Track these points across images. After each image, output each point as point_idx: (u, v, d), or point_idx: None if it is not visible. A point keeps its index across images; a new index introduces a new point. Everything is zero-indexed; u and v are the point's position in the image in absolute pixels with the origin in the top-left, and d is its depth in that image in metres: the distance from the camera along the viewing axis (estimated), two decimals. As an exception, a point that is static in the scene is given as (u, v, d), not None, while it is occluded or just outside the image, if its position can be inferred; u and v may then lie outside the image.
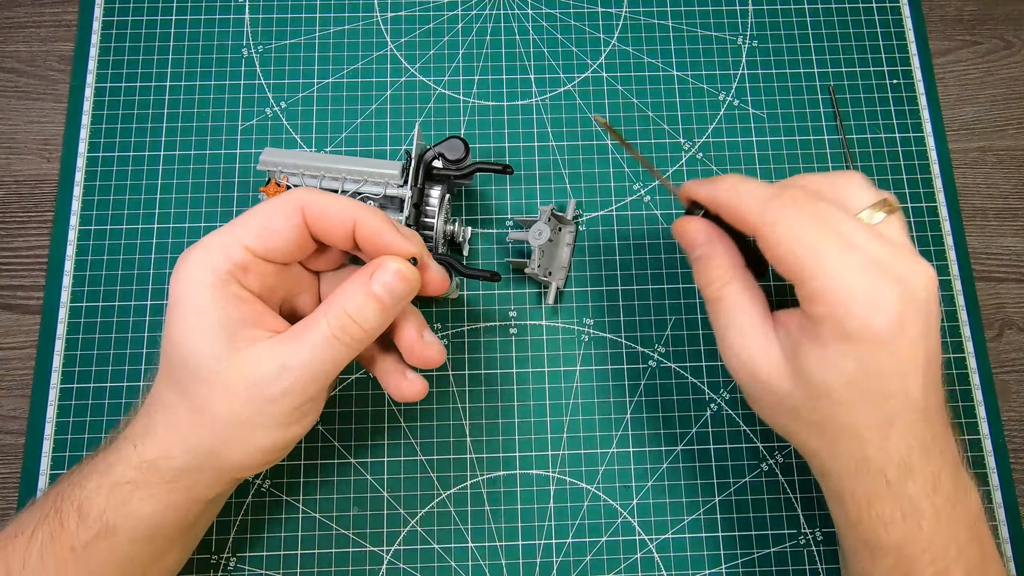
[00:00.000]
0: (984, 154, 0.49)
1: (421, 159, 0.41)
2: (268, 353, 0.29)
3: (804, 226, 0.29)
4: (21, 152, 0.47)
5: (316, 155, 0.41)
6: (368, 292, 0.30)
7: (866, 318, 0.28)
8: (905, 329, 0.28)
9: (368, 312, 0.30)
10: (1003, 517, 0.42)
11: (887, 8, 0.50)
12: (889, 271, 0.28)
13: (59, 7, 0.49)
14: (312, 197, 0.31)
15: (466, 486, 0.42)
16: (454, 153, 0.42)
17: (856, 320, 0.28)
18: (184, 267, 0.30)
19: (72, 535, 0.29)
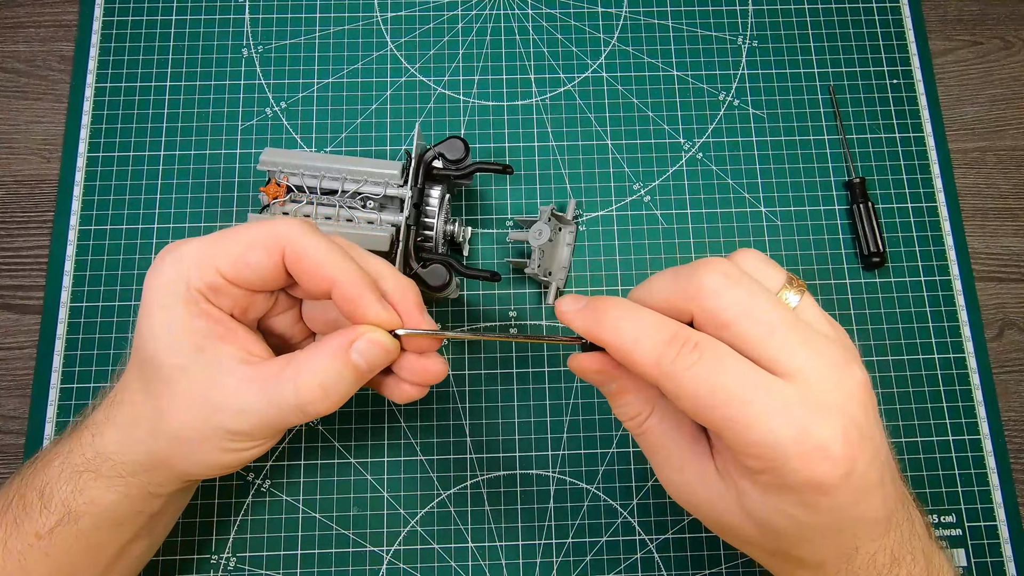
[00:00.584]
0: (984, 154, 0.49)
1: (421, 159, 0.41)
2: (233, 390, 0.28)
3: (714, 374, 0.24)
4: (21, 152, 0.47)
5: (316, 155, 0.41)
6: (345, 361, 0.28)
7: (808, 471, 0.24)
8: (854, 462, 0.24)
9: (341, 385, 0.28)
10: (1003, 517, 0.42)
11: (887, 8, 0.50)
12: (822, 398, 0.24)
13: (59, 7, 0.49)
14: (296, 237, 0.28)
15: (466, 486, 0.42)
16: (454, 153, 0.42)
17: (797, 475, 0.24)
18: (158, 270, 0.29)
19: (36, 521, 0.29)
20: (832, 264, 0.46)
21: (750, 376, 0.24)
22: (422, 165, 0.41)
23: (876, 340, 0.44)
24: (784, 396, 0.24)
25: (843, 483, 0.24)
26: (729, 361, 0.25)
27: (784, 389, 0.24)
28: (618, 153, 0.47)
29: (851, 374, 0.25)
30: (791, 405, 0.24)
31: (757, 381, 0.24)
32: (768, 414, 0.24)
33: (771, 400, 0.24)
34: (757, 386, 0.24)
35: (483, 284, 0.45)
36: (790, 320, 0.25)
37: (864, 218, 0.45)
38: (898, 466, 0.29)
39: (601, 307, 0.27)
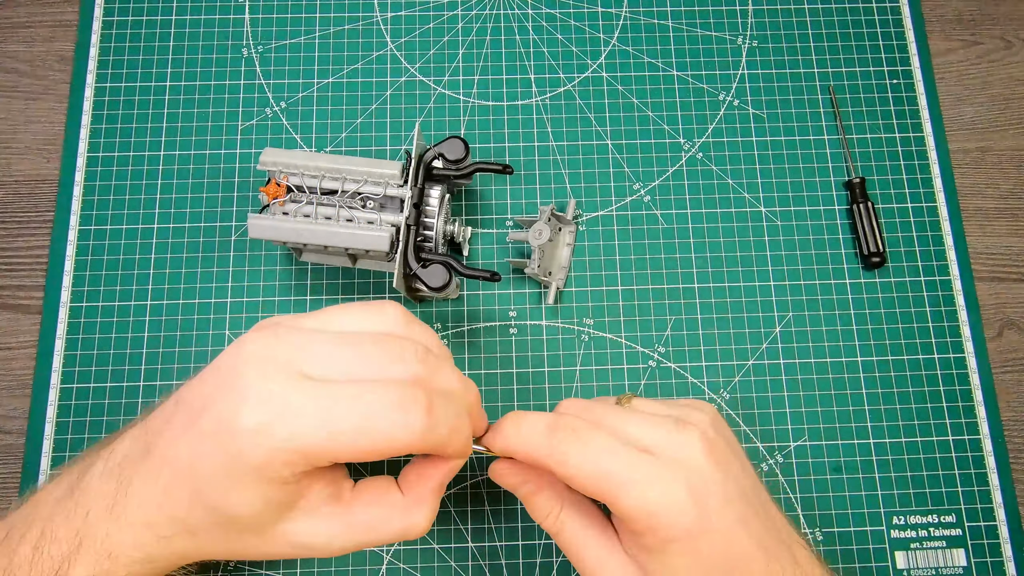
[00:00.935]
0: (984, 154, 0.49)
1: (421, 159, 0.41)
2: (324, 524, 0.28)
3: (591, 455, 0.29)
4: (21, 152, 0.47)
5: (316, 155, 0.41)
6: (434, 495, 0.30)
7: (675, 526, 0.28)
8: (705, 508, 0.29)
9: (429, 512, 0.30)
10: (1003, 517, 0.42)
11: (887, 8, 0.50)
12: (670, 462, 0.29)
13: (59, 7, 0.49)
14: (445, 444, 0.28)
15: (466, 486, 0.42)
16: (454, 153, 0.42)
17: (668, 530, 0.29)
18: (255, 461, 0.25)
19: None
20: (832, 264, 0.46)
21: (619, 454, 0.29)
22: (422, 165, 0.41)
23: (876, 340, 0.44)
24: (644, 467, 0.29)
25: (701, 528, 0.29)
26: (601, 441, 0.30)
27: (643, 461, 0.29)
28: (618, 153, 0.47)
29: (686, 434, 0.30)
30: (650, 474, 0.29)
31: (625, 458, 0.29)
32: (637, 483, 0.29)
33: (634, 472, 0.29)
34: (627, 461, 0.29)
35: (483, 284, 0.45)
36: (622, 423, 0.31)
37: (864, 218, 0.45)
38: (773, 502, 0.32)
39: (499, 424, 0.32)
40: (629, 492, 0.29)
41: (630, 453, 0.30)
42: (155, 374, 0.43)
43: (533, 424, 0.31)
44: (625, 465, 0.29)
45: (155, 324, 0.43)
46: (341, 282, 0.44)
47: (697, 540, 0.29)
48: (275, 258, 0.45)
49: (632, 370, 0.43)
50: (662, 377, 0.43)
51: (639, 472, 0.29)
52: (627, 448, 0.30)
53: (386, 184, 0.40)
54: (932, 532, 0.41)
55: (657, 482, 0.29)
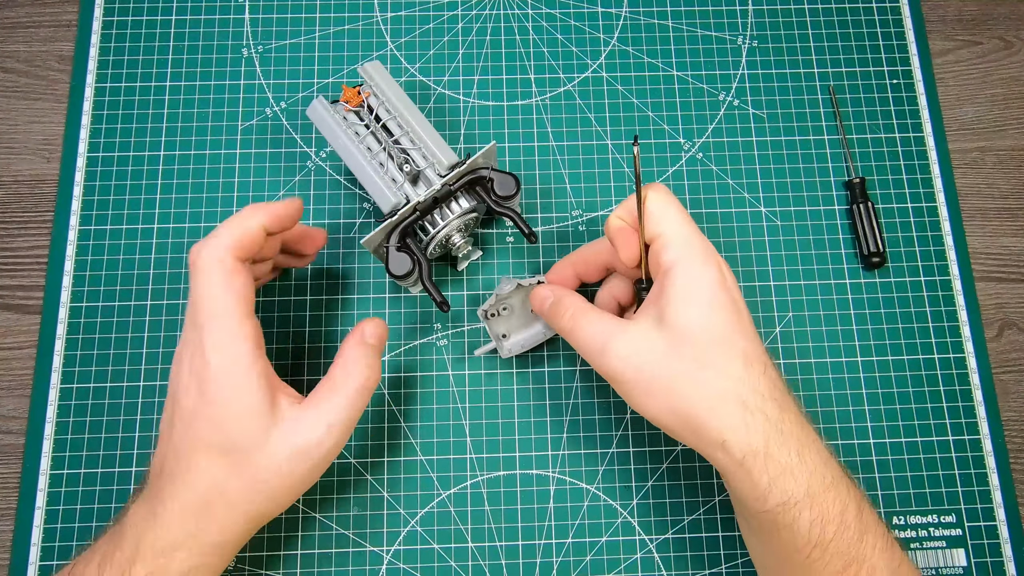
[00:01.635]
0: (984, 154, 0.49)
1: (476, 171, 0.40)
2: (312, 418, 0.33)
3: (570, 325, 0.36)
4: (21, 152, 0.47)
5: (404, 96, 0.41)
6: (367, 346, 0.36)
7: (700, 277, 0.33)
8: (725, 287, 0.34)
9: (374, 361, 0.35)
10: (1003, 517, 0.42)
11: (887, 8, 0.50)
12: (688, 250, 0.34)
13: (59, 7, 0.49)
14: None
15: (466, 486, 0.42)
16: (504, 188, 0.40)
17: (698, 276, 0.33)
18: (220, 350, 0.32)
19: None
20: (832, 264, 0.46)
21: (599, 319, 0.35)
22: (468, 174, 0.40)
23: (876, 340, 0.44)
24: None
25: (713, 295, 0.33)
26: (584, 314, 0.36)
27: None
28: (618, 153, 0.47)
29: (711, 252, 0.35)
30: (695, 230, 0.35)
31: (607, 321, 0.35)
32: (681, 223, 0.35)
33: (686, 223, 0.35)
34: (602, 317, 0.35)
35: (484, 284, 0.45)
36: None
37: (864, 218, 0.45)
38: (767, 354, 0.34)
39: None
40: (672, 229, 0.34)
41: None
42: (155, 374, 0.43)
43: (536, 295, 0.39)
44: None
45: (155, 324, 0.43)
46: (341, 282, 0.44)
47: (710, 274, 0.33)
48: (275, 258, 0.45)
49: (632, 370, 0.43)
50: (662, 377, 0.43)
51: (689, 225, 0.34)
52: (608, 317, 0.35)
53: (431, 164, 0.40)
54: (932, 532, 0.41)
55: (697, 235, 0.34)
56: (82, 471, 0.41)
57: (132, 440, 0.42)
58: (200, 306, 0.33)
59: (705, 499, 0.42)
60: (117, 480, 0.41)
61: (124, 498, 0.41)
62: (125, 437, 0.42)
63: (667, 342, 0.33)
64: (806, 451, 0.32)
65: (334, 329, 0.44)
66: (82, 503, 0.41)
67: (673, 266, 0.33)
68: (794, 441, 0.32)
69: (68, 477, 0.41)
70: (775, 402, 0.32)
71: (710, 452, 0.32)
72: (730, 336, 0.33)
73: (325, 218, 0.45)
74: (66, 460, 0.41)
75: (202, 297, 0.33)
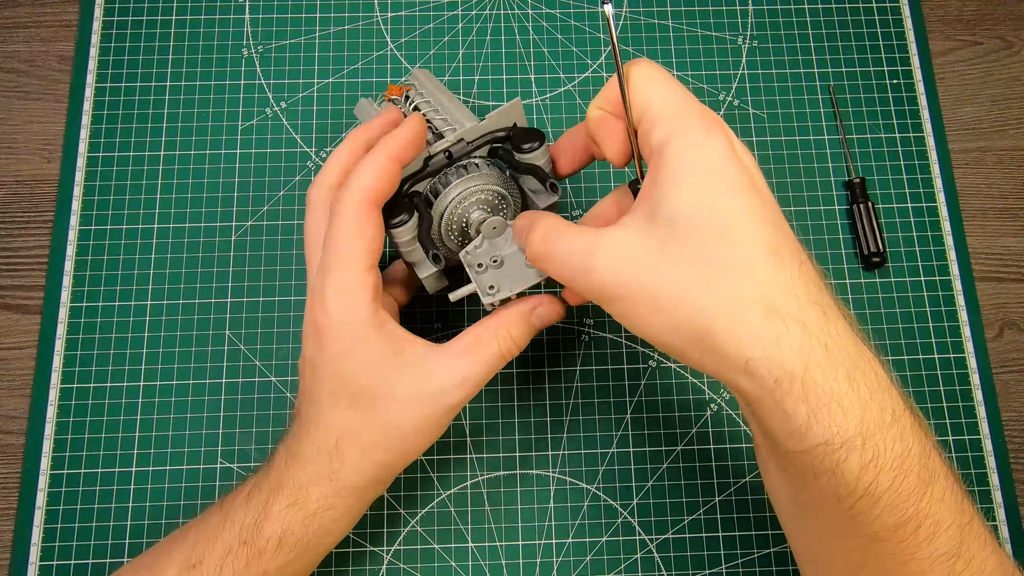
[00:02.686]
0: (984, 154, 0.49)
1: (495, 130, 0.36)
2: (446, 367, 0.32)
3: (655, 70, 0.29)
4: (21, 152, 0.47)
5: (444, 90, 0.40)
6: (529, 322, 0.34)
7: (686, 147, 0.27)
8: (734, 158, 0.27)
9: (525, 337, 0.34)
10: (1003, 517, 0.42)
11: (887, 8, 0.50)
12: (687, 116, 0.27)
13: (59, 7, 0.49)
14: None
15: (466, 486, 0.42)
16: (527, 140, 0.35)
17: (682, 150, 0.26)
18: (342, 297, 0.32)
19: (269, 561, 0.32)
20: (832, 264, 0.46)
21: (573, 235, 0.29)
22: (489, 133, 0.35)
23: (876, 340, 0.44)
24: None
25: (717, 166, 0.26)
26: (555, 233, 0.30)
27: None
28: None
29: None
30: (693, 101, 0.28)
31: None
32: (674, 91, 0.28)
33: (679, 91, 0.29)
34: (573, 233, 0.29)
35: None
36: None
37: (864, 218, 0.45)
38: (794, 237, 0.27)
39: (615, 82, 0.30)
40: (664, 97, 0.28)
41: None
42: (155, 374, 0.43)
43: (518, 224, 0.34)
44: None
45: (155, 324, 0.43)
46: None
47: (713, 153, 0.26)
48: (275, 258, 0.45)
49: (632, 370, 0.43)
50: (662, 377, 0.43)
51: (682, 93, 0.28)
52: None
53: (452, 128, 0.36)
54: (932, 532, 0.41)
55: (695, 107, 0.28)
56: (82, 471, 0.41)
57: (132, 440, 0.42)
58: (330, 250, 0.32)
59: (705, 499, 0.42)
60: (117, 480, 0.41)
61: (124, 498, 0.41)
62: (125, 437, 0.42)
63: (662, 239, 0.26)
64: (859, 374, 0.24)
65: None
66: (82, 503, 0.41)
67: (666, 143, 0.27)
68: (844, 360, 0.24)
69: (68, 477, 0.41)
70: (817, 307, 0.25)
71: (731, 377, 0.25)
72: (748, 222, 0.25)
73: (325, 218, 0.45)
74: (66, 460, 0.41)
75: (333, 241, 0.32)
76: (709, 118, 0.27)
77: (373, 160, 0.32)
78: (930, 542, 0.24)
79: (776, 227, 0.26)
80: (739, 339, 0.24)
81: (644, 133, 0.28)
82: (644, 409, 0.43)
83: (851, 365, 0.24)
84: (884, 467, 0.24)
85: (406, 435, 0.32)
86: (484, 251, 0.35)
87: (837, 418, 0.24)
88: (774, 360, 0.24)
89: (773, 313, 0.24)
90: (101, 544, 0.40)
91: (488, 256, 0.35)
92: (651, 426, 0.43)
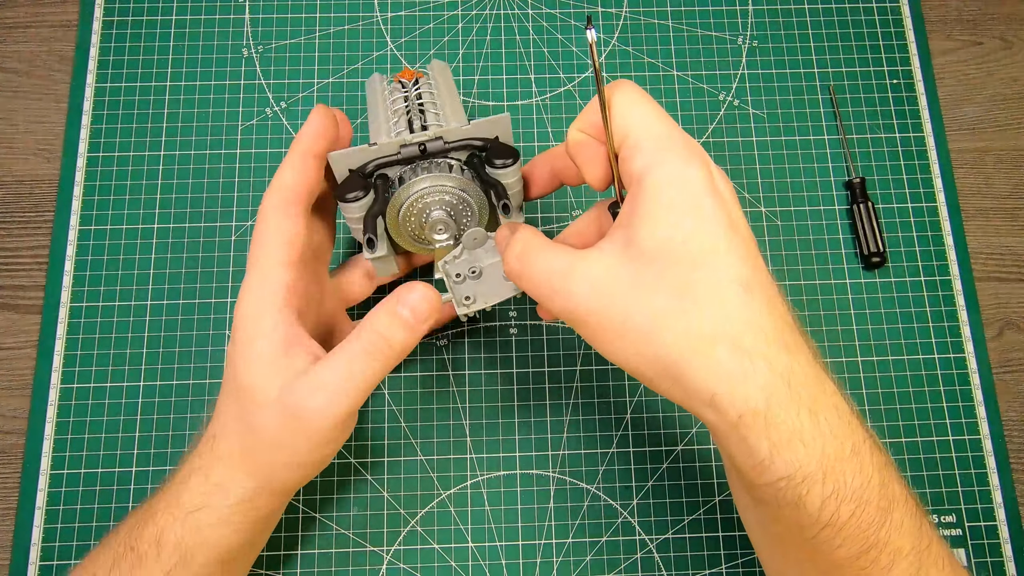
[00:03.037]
0: (984, 154, 0.49)
1: (475, 137, 0.34)
2: (317, 377, 0.30)
3: (638, 95, 0.29)
4: (21, 152, 0.47)
5: (451, 85, 0.40)
6: (395, 312, 0.31)
7: (666, 185, 0.26)
8: (712, 192, 0.27)
9: (396, 331, 0.31)
10: (1003, 517, 0.42)
11: (887, 8, 0.50)
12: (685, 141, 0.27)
13: (59, 7, 0.49)
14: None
15: (466, 486, 0.42)
16: (500, 156, 0.34)
17: (660, 187, 0.26)
18: (252, 291, 0.32)
19: (151, 568, 0.31)
20: (832, 264, 0.46)
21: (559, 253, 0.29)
22: (469, 139, 0.34)
23: (876, 340, 0.44)
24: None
25: (696, 204, 0.26)
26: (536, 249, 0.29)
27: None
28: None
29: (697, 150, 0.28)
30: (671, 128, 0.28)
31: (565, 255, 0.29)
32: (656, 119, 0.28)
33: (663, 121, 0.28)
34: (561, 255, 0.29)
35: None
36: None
37: (864, 218, 0.45)
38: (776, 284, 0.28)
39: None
40: (646, 127, 0.27)
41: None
42: (155, 374, 0.43)
43: (499, 235, 0.33)
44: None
45: (155, 324, 0.43)
46: (341, 282, 0.44)
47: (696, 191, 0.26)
48: (275, 258, 0.45)
49: (632, 370, 0.43)
50: (662, 377, 0.43)
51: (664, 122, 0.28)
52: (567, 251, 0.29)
53: (439, 124, 0.36)
54: (932, 532, 0.41)
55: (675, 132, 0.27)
56: (82, 471, 0.41)
57: (132, 440, 0.42)
58: (251, 248, 0.33)
59: (705, 499, 0.42)
60: (117, 480, 0.41)
61: (124, 498, 0.41)
62: (125, 437, 0.42)
63: (636, 268, 0.26)
64: (820, 409, 0.25)
65: (334, 329, 0.44)
66: (82, 503, 0.41)
67: (646, 173, 0.27)
68: (806, 395, 0.25)
69: (68, 477, 0.41)
70: (781, 345, 0.25)
71: (697, 409, 0.26)
72: (721, 256, 0.26)
73: (325, 218, 0.45)
74: (66, 460, 0.41)
75: (253, 239, 0.33)
76: (690, 148, 0.27)
77: (287, 159, 0.33)
78: (890, 569, 0.25)
79: (748, 263, 0.26)
80: (706, 373, 0.25)
81: (624, 159, 0.28)
82: (644, 409, 0.43)
83: (812, 400, 0.25)
84: (844, 499, 0.25)
85: (275, 448, 0.31)
86: (463, 261, 0.35)
87: (799, 453, 0.24)
88: (739, 396, 0.25)
89: (740, 349, 0.25)
90: (101, 544, 0.40)
91: (467, 267, 0.35)
92: (651, 426, 0.43)
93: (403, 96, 0.38)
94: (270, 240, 0.32)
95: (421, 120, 0.37)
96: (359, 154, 0.34)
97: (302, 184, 0.33)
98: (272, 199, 0.33)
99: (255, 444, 0.31)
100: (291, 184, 0.33)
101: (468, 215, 0.36)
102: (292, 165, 0.33)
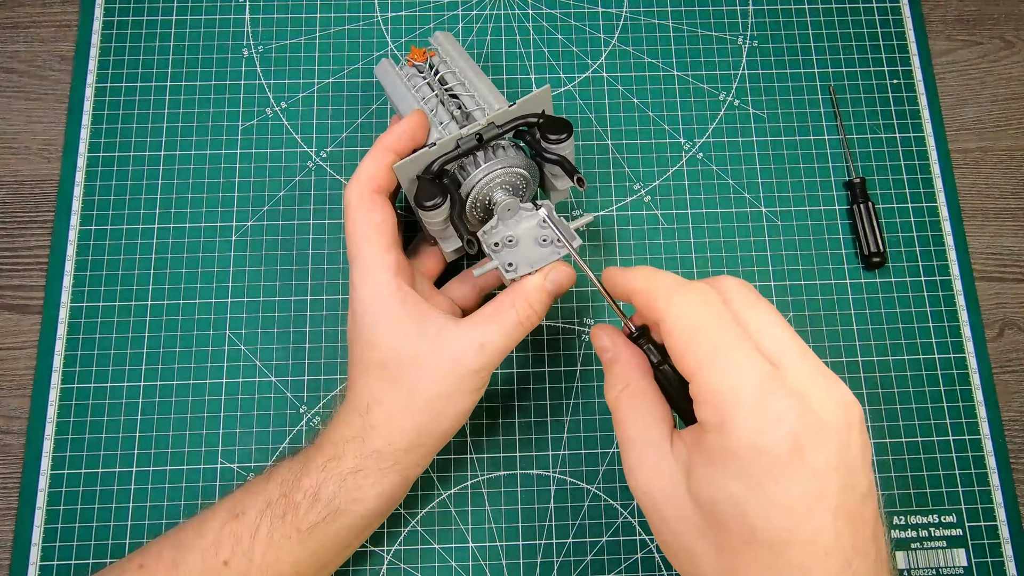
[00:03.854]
0: (984, 154, 0.49)
1: (524, 115, 0.36)
2: (466, 334, 0.34)
3: (704, 315, 0.26)
4: (21, 152, 0.47)
5: (467, 57, 0.40)
6: (544, 288, 0.35)
7: (752, 431, 0.24)
8: (803, 456, 0.23)
9: (542, 304, 0.35)
10: (1003, 517, 0.42)
11: (887, 8, 0.50)
12: (790, 382, 0.25)
13: (59, 7, 0.49)
14: None
15: (466, 486, 0.42)
16: (555, 130, 0.36)
17: (740, 431, 0.24)
18: (364, 278, 0.35)
19: (302, 518, 0.33)
20: (832, 264, 0.46)
21: (735, 330, 0.26)
22: (518, 118, 0.36)
23: (876, 340, 0.44)
24: (759, 360, 0.25)
25: (785, 467, 0.23)
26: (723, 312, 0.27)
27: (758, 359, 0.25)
28: (618, 153, 0.47)
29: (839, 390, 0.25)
30: (763, 370, 0.25)
31: (740, 336, 0.26)
32: (737, 363, 0.25)
33: (744, 356, 0.25)
34: (737, 338, 0.26)
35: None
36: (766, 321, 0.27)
37: (864, 218, 0.45)
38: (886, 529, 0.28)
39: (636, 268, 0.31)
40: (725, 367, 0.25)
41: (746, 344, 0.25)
42: (155, 374, 0.43)
43: (668, 276, 0.29)
44: (734, 340, 0.25)
45: (155, 324, 0.43)
46: (341, 282, 0.44)
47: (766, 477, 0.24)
48: (275, 258, 0.45)
49: (632, 370, 0.43)
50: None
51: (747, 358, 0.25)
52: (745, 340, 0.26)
53: (481, 107, 0.37)
54: (932, 532, 0.41)
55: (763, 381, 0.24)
56: (82, 471, 0.41)
57: (132, 440, 0.42)
58: (349, 241, 0.35)
59: (705, 499, 0.42)
60: (117, 480, 0.41)
61: (124, 498, 0.41)
62: (125, 437, 0.42)
63: (700, 515, 0.26)
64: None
65: (334, 329, 0.44)
66: (82, 503, 0.41)
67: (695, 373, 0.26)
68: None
69: (68, 477, 0.41)
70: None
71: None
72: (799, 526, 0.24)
73: (326, 218, 0.45)
74: (66, 460, 0.41)
75: (349, 233, 0.35)
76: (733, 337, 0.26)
77: (371, 152, 0.36)
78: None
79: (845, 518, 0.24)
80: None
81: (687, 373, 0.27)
82: (644, 409, 0.43)
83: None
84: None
85: (430, 400, 0.34)
86: (499, 231, 0.37)
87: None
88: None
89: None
90: (101, 544, 0.40)
91: (503, 236, 0.36)
92: (651, 426, 0.43)
93: (427, 84, 0.39)
94: (365, 231, 0.35)
95: (458, 105, 0.38)
96: (421, 159, 0.36)
97: (383, 175, 0.35)
98: (355, 192, 0.35)
99: (417, 407, 0.34)
100: (372, 174, 0.35)
101: (524, 188, 0.38)
102: (375, 158, 0.35)
